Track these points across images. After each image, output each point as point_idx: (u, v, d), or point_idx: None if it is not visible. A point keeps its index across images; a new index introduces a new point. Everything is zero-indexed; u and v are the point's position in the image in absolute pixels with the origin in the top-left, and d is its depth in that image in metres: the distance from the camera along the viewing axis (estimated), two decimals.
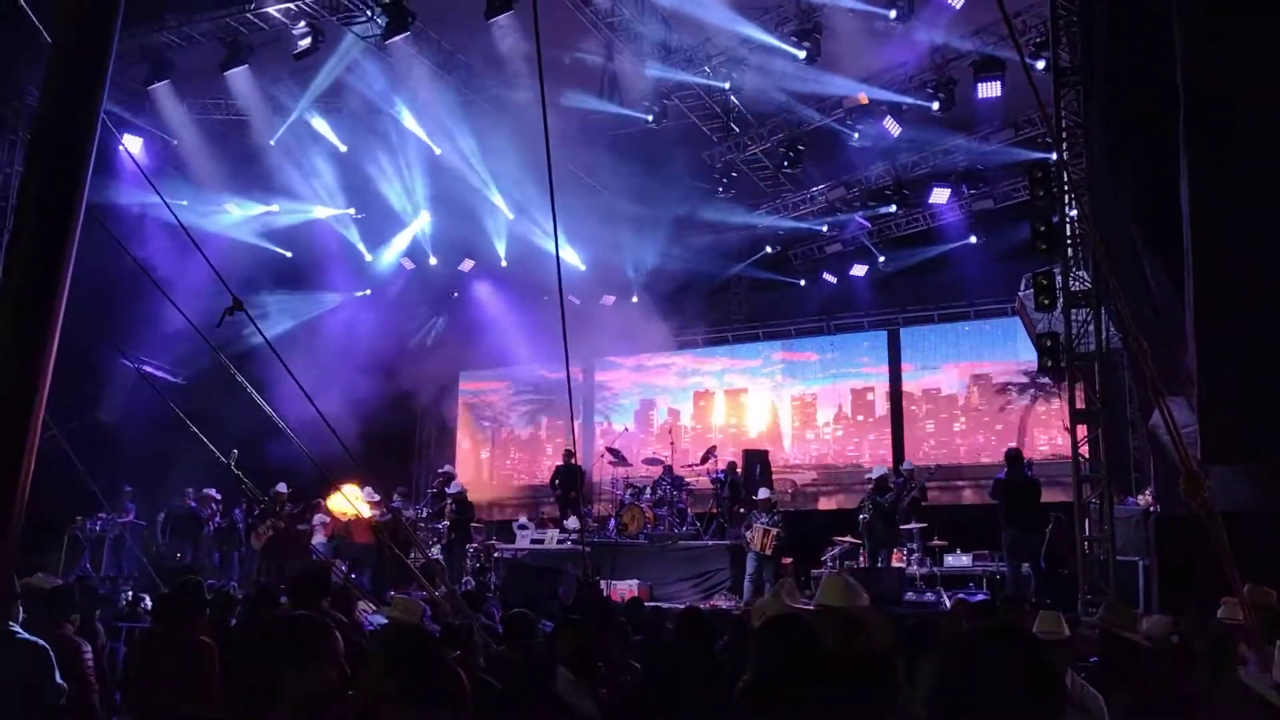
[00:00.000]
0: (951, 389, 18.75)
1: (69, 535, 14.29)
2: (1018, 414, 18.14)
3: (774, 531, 13.05)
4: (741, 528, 13.79)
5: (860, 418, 19.51)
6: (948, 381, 18.82)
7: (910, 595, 12.22)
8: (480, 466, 22.41)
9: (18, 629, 4.44)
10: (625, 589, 13.24)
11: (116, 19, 1.54)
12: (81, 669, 4.75)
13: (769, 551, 13.02)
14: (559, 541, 15.22)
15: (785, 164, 17.02)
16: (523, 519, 17.42)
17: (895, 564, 13.03)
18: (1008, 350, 17.96)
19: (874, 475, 13.45)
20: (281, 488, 14.70)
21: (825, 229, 19.15)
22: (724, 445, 18.18)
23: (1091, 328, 10.12)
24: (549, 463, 20.96)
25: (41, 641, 4.47)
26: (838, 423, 19.68)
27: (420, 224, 19.27)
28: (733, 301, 21.36)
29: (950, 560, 13.49)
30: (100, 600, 6.28)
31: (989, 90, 14.40)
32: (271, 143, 16.65)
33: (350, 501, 10.74)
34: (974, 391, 18.58)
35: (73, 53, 1.50)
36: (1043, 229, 10.43)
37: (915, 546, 13.26)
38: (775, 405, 20.18)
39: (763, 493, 13.94)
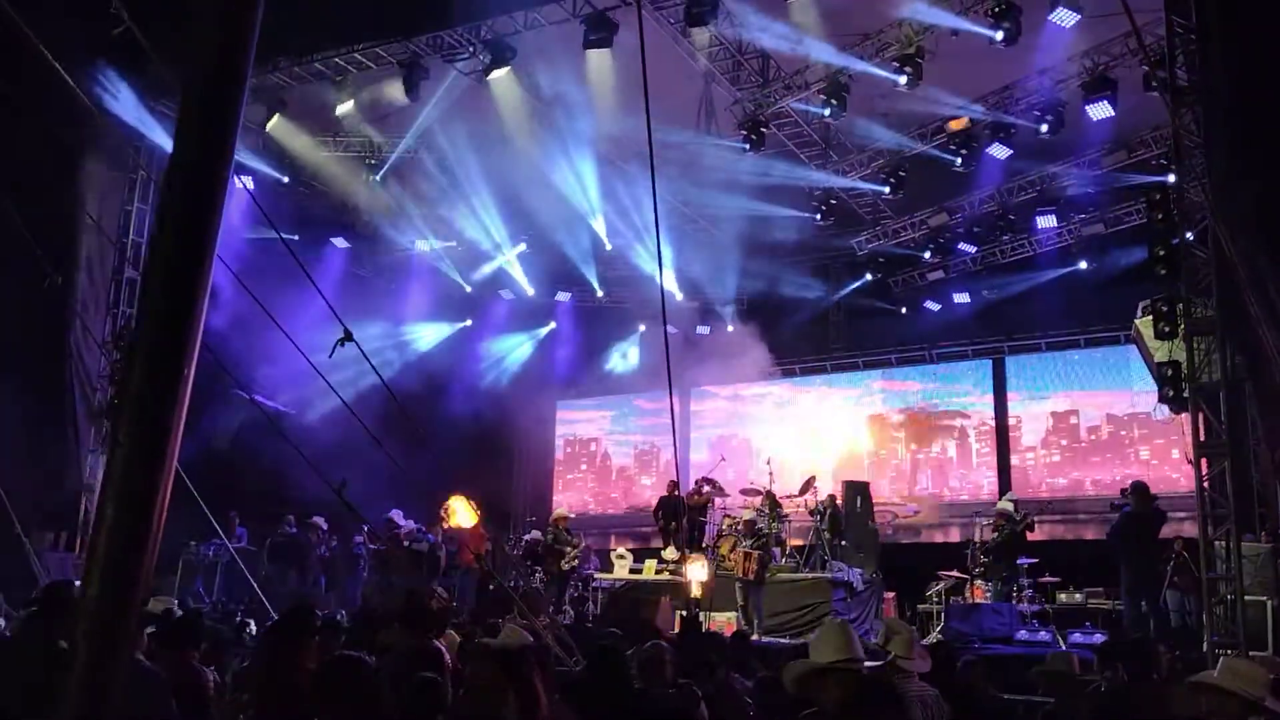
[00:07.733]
0: (1061, 420, 18.13)
1: (183, 559, 14.75)
2: (1132, 446, 17.43)
3: (755, 554, 12.66)
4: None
5: (964, 449, 19.00)
6: (1057, 412, 18.20)
7: (1022, 633, 11.78)
8: (576, 495, 22.47)
9: (140, 657, 4.52)
10: (724, 621, 13.05)
11: (249, 62, 1.53)
12: (204, 699, 4.82)
13: (751, 576, 12.65)
14: (657, 572, 15.10)
15: (886, 190, 16.76)
16: (621, 549, 17.37)
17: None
18: (1121, 379, 17.27)
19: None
20: (395, 514, 14.96)
21: (927, 255, 18.76)
22: (822, 476, 17.84)
23: (1215, 356, 9.62)
24: (644, 492, 20.92)
25: (157, 669, 4.53)
26: (942, 454, 19.19)
27: (516, 254, 19.51)
28: (831, 330, 21.05)
29: (1064, 597, 13.00)
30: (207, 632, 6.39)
31: (1100, 111, 13.96)
32: (377, 178, 17.12)
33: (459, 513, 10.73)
34: (1085, 422, 17.93)
35: (204, 97, 1.49)
36: (1162, 253, 10.00)
37: (1026, 583, 12.78)
38: (875, 435, 19.78)
39: (746, 514, 13.64)
